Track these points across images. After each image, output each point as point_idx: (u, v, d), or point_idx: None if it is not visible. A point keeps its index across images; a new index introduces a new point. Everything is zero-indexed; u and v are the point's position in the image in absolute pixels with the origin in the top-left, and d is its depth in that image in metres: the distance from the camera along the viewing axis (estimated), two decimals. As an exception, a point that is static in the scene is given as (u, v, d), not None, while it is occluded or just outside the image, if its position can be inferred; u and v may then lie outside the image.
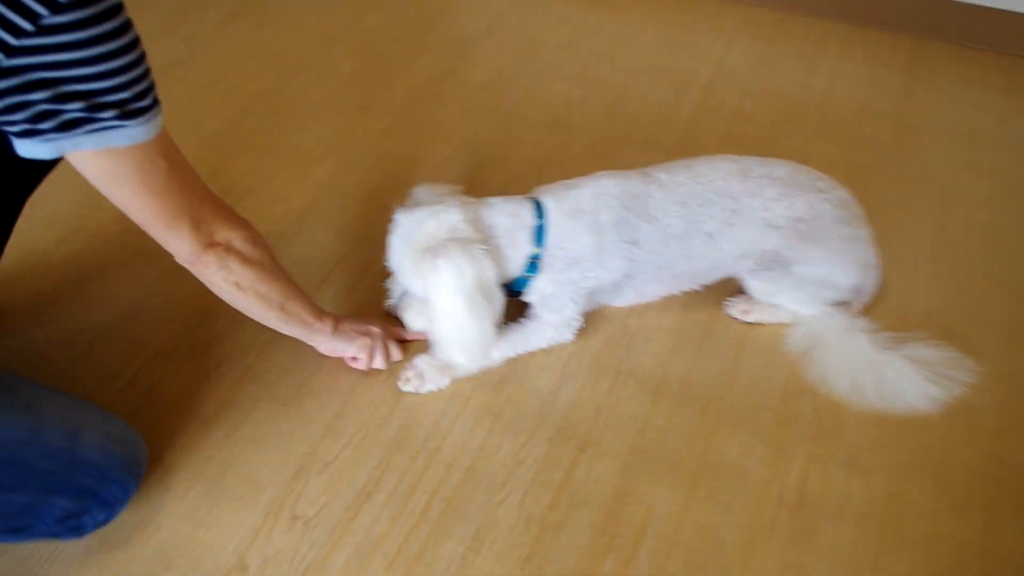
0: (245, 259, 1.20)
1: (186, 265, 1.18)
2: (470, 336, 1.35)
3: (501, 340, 1.45)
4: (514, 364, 1.46)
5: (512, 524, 1.24)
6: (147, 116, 0.97)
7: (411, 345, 1.49)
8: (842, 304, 1.49)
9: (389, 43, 2.25)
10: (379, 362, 1.44)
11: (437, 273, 1.31)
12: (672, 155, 1.53)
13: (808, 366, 1.45)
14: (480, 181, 1.82)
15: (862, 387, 1.40)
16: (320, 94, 2.08)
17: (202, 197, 1.14)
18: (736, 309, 1.52)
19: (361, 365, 1.44)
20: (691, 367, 1.46)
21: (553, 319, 1.46)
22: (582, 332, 1.49)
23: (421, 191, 1.44)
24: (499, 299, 1.37)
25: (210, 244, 1.15)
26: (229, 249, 1.18)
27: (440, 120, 1.99)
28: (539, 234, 1.39)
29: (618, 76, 2.12)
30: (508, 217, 1.38)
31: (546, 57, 2.21)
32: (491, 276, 1.34)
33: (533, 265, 1.41)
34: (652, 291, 1.52)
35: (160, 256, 1.16)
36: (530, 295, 1.46)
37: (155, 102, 0.98)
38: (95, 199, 1.10)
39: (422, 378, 1.42)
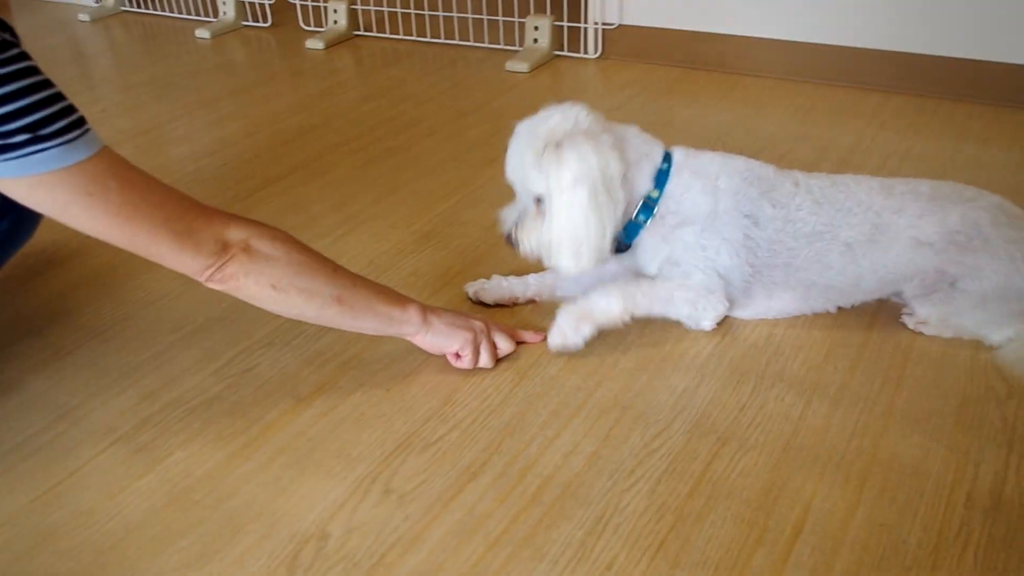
0: (270, 257, 1.10)
1: (213, 284, 1.09)
2: (585, 233, 1.24)
3: (632, 288, 1.31)
4: (643, 361, 1.30)
5: (642, 511, 1.04)
6: (66, 137, 0.94)
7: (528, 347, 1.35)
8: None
9: (519, 116, 2.25)
10: (485, 360, 1.28)
11: (560, 165, 1.22)
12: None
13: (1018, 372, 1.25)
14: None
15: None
16: (448, 152, 2.06)
17: (184, 208, 1.06)
18: (913, 320, 1.34)
19: (465, 364, 1.28)
20: (850, 373, 1.26)
21: (682, 291, 1.32)
22: (719, 338, 1.34)
23: None
24: (621, 201, 1.27)
25: (223, 249, 1.07)
26: (248, 250, 1.09)
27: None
28: (661, 178, 1.32)
29: (754, 141, 2.04)
30: (640, 141, 1.33)
31: (675, 124, 2.17)
32: (616, 171, 1.25)
33: (647, 208, 1.32)
34: (783, 302, 1.37)
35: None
36: (642, 255, 1.35)
37: (74, 124, 0.96)
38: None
39: (564, 334, 1.28)
